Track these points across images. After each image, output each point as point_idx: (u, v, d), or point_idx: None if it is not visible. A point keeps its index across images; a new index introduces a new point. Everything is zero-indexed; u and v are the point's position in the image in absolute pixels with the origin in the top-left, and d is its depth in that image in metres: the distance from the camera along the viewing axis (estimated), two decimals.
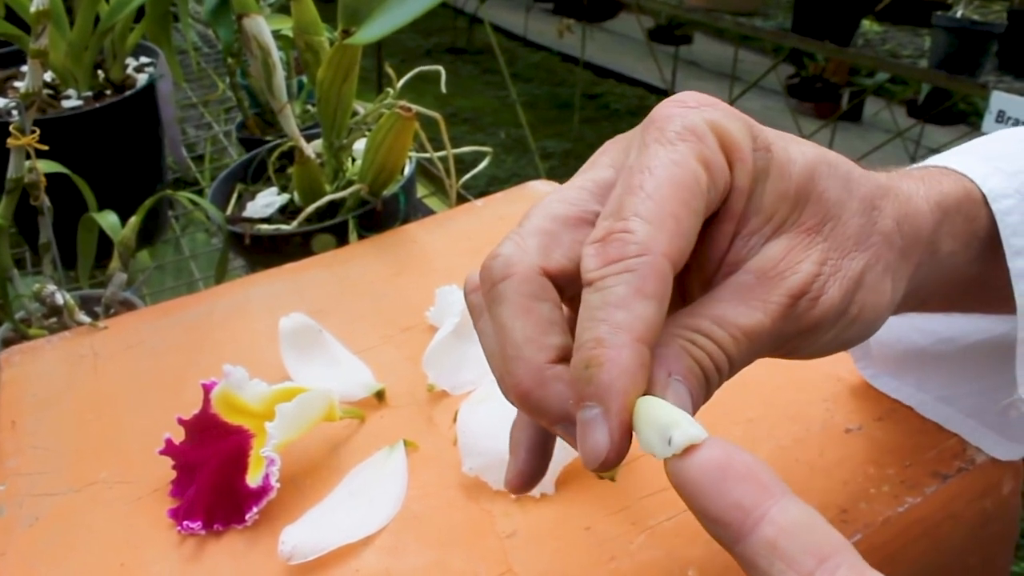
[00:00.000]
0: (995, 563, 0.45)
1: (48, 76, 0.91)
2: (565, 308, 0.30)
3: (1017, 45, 1.96)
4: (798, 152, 0.29)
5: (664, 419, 0.24)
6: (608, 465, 0.25)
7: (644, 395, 0.25)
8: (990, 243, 0.34)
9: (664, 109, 0.28)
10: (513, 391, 0.27)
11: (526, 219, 0.29)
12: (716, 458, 0.23)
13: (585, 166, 0.31)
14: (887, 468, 0.42)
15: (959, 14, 2.00)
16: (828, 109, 3.52)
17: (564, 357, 0.27)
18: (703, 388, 0.26)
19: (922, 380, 0.46)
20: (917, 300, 0.35)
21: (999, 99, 1.77)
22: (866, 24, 2.45)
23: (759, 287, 0.28)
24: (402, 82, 0.77)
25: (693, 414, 0.25)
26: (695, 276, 0.30)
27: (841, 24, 2.39)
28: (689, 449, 0.23)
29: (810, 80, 3.61)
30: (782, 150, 0.29)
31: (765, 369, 0.49)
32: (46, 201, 0.67)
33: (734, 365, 0.27)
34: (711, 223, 0.29)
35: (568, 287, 0.29)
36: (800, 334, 0.29)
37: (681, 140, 0.27)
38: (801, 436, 0.45)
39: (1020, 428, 0.40)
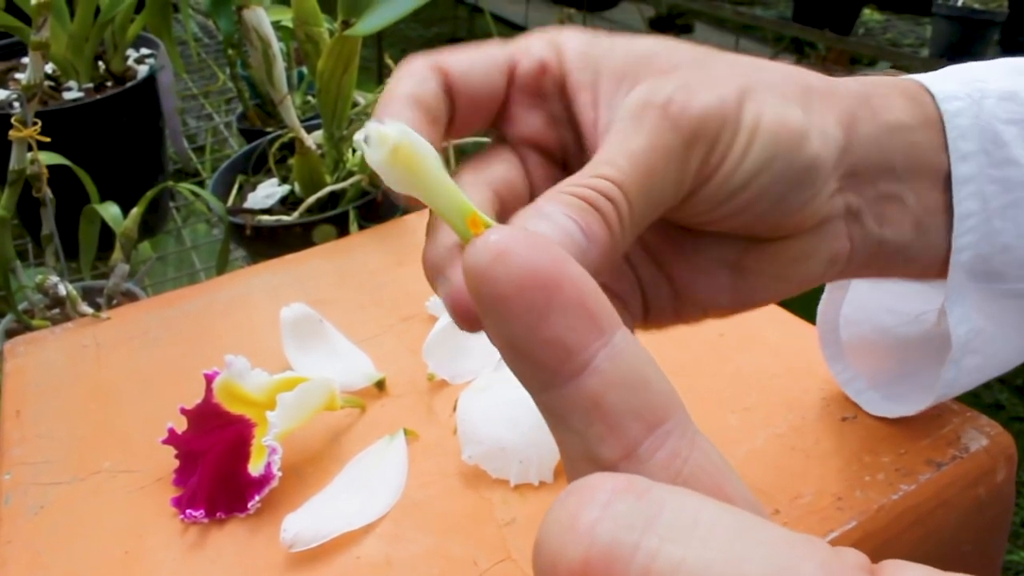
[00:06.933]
0: (989, 550, 0.46)
1: (49, 68, 0.92)
2: None
3: (1019, 33, 1.96)
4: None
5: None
6: None
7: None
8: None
9: None
10: None
11: None
12: (544, 268, 0.17)
13: None
14: (882, 456, 0.43)
15: (960, 2, 1.99)
16: None
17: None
18: (591, 215, 0.24)
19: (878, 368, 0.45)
20: (884, 173, 0.32)
21: None
22: (867, 13, 2.45)
23: (628, 124, 0.27)
24: None
25: (595, 249, 0.24)
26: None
27: (842, 13, 2.39)
28: (485, 234, 0.17)
29: (811, 69, 3.63)
30: (627, 39, 0.31)
31: (763, 358, 0.49)
32: (48, 193, 0.68)
33: (628, 191, 0.25)
34: (572, 105, 0.30)
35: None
36: (692, 145, 0.27)
37: None
38: (797, 424, 0.45)
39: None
